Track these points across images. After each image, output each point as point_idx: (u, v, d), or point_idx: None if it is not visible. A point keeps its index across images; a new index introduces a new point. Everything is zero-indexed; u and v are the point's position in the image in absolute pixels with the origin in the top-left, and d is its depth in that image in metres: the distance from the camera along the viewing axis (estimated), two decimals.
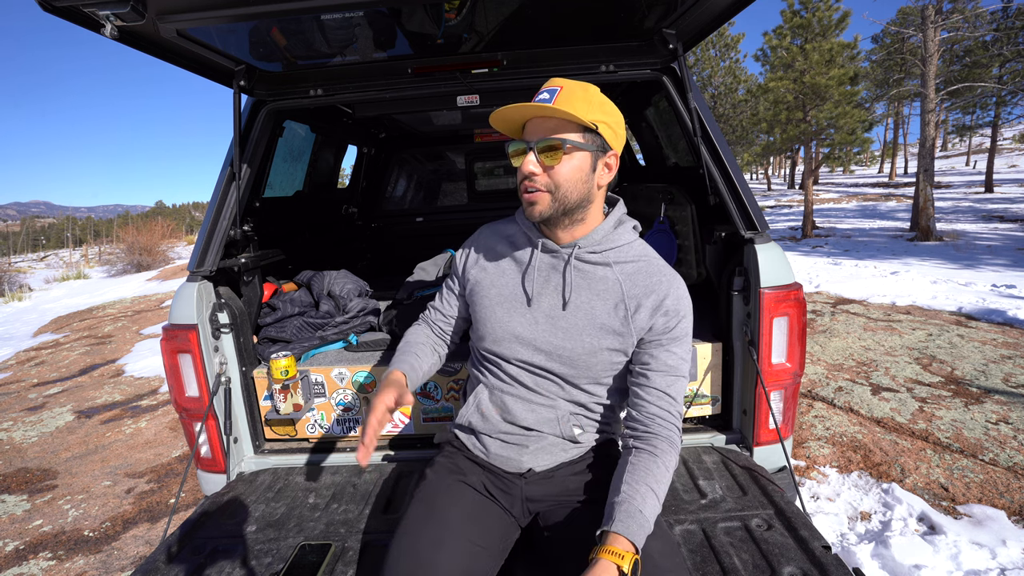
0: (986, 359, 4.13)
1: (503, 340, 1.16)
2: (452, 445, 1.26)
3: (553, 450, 1.16)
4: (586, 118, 1.00)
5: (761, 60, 13.58)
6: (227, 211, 1.74)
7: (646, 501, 0.95)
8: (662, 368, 1.08)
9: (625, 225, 1.16)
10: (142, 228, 19.37)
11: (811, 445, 3.05)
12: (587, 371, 1.12)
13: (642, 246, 1.17)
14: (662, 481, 0.99)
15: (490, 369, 1.22)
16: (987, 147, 25.85)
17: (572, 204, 1.06)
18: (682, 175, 2.50)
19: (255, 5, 1.19)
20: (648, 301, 1.09)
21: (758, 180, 47.25)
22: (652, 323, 1.09)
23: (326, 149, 3.18)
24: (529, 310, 1.14)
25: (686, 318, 1.11)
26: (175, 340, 1.62)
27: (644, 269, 1.12)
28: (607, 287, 1.11)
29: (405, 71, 1.76)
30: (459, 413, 1.24)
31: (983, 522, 2.29)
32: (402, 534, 1.04)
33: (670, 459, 1.03)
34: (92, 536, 2.71)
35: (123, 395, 4.91)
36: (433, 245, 3.06)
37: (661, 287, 1.10)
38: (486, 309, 1.19)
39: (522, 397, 1.16)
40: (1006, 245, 9.67)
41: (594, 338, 1.10)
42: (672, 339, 1.10)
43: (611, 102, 1.06)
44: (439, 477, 1.17)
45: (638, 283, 1.11)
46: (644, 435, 1.06)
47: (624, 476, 0.99)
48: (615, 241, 1.13)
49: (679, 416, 1.09)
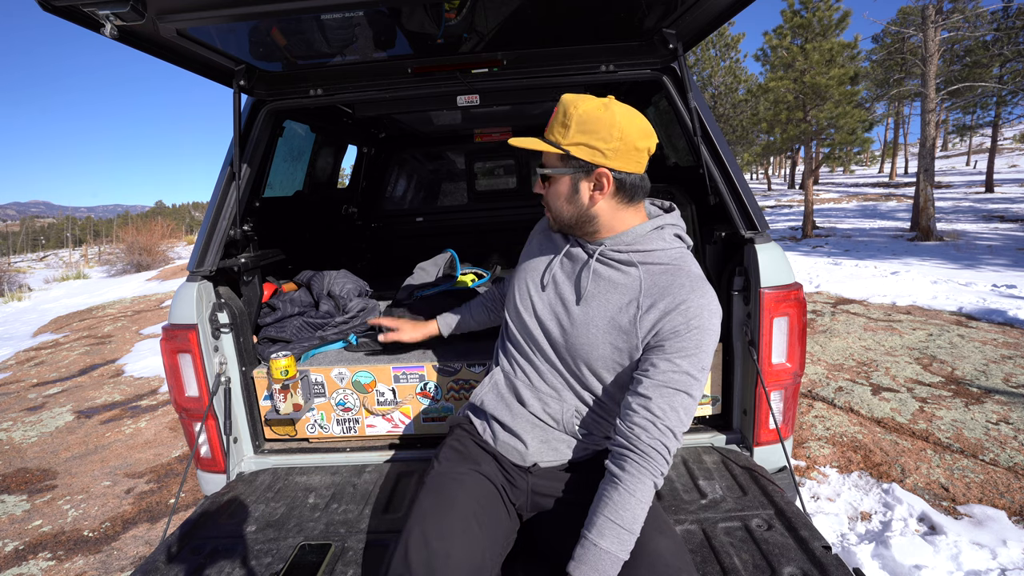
0: (986, 359, 4.12)
1: (522, 312, 1.21)
2: (463, 428, 1.28)
3: (559, 447, 1.17)
4: (560, 143, 1.04)
5: (761, 60, 13.57)
6: (227, 211, 1.74)
7: (603, 534, 0.94)
8: (659, 379, 1.01)
9: (665, 231, 1.13)
10: (142, 228, 19.39)
11: (811, 445, 3.05)
12: (588, 365, 1.12)
13: (680, 254, 1.13)
14: (623, 507, 0.96)
15: (509, 351, 1.26)
16: (987, 147, 25.86)
17: (568, 221, 1.13)
18: (682, 175, 2.50)
19: (255, 5, 1.19)
20: (663, 302, 1.04)
21: (758, 180, 47.25)
22: (660, 326, 1.03)
23: (326, 149, 3.18)
24: (546, 294, 1.19)
25: (701, 331, 1.02)
26: (175, 340, 1.62)
27: (671, 272, 1.09)
28: (627, 283, 1.10)
29: (405, 71, 1.76)
30: (474, 392, 1.28)
31: (983, 522, 2.29)
32: (415, 523, 1.03)
33: (636, 483, 0.97)
34: (92, 536, 2.71)
35: (123, 395, 4.91)
36: (433, 245, 3.06)
37: (682, 291, 1.05)
38: (517, 281, 1.27)
39: (532, 384, 1.19)
40: (1006, 245, 9.67)
41: (600, 331, 1.09)
42: (679, 349, 1.01)
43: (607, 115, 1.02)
44: (452, 465, 1.17)
45: (659, 283, 1.07)
46: (618, 451, 1.02)
47: (591, 506, 1.00)
48: (647, 244, 1.11)
49: (669, 432, 0.99)
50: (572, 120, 1.03)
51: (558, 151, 1.05)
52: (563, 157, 1.07)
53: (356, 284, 2.08)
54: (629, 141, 1.03)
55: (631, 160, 1.05)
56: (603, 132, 1.02)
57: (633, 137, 1.04)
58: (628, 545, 0.95)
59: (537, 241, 1.31)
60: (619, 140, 1.02)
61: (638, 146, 1.05)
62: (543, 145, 1.07)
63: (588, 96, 1.05)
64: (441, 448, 1.24)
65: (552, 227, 1.20)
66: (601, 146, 1.03)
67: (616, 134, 1.02)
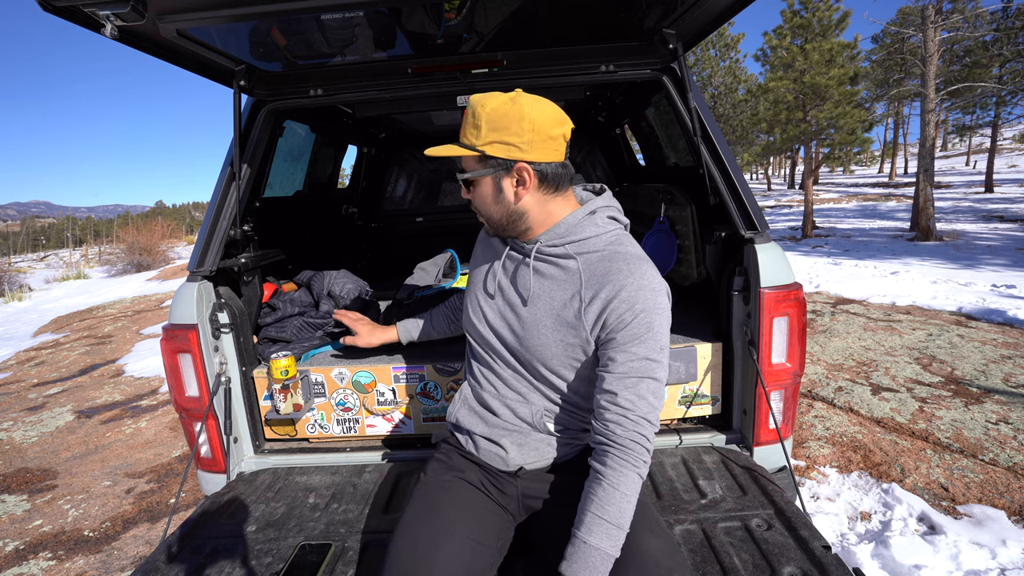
0: (986, 359, 4.13)
1: (476, 324, 1.21)
2: (447, 443, 1.28)
3: (539, 447, 1.17)
4: (475, 145, 1.03)
5: (761, 60, 13.58)
6: (227, 211, 1.74)
7: (591, 531, 0.94)
8: (620, 372, 1.01)
9: (597, 216, 1.11)
10: (142, 228, 19.39)
11: (811, 445, 3.05)
12: (546, 364, 1.11)
13: (615, 236, 1.11)
14: (609, 502, 0.96)
15: (474, 364, 1.26)
16: (987, 147, 25.85)
17: (499, 223, 1.12)
18: (682, 175, 2.50)
19: (255, 5, 1.19)
20: (603, 292, 1.03)
21: (758, 180, 47.24)
22: (605, 316, 1.02)
23: (326, 149, 3.18)
24: (495, 301, 1.19)
25: (647, 312, 1.01)
26: (175, 340, 1.62)
27: (608, 258, 1.07)
28: (568, 278, 1.09)
29: (405, 71, 1.76)
30: (448, 410, 1.28)
31: (983, 522, 2.29)
32: (401, 531, 1.05)
33: (619, 476, 0.97)
34: (92, 536, 2.71)
35: (123, 395, 4.91)
36: (433, 245, 3.06)
37: (619, 277, 1.02)
38: (468, 292, 1.28)
39: (498, 392, 1.19)
40: (1006, 245, 9.67)
41: (550, 330, 1.09)
42: (631, 338, 1.01)
43: (516, 108, 1.00)
44: (437, 475, 1.18)
45: (597, 272, 1.06)
46: (599, 448, 1.02)
47: (579, 505, 1.00)
48: (580, 233, 1.09)
49: (643, 421, 1.00)
50: (481, 120, 1.01)
51: (474, 153, 1.04)
52: (480, 159, 1.05)
53: (356, 284, 2.08)
54: (542, 131, 1.02)
55: (548, 150, 1.03)
56: (514, 127, 1.01)
57: (545, 126, 1.02)
58: (618, 542, 0.95)
59: (480, 250, 1.31)
60: (531, 132, 1.01)
61: (552, 134, 1.03)
62: (458, 150, 1.06)
63: (495, 93, 1.04)
64: (428, 462, 1.25)
65: (489, 232, 1.19)
66: (515, 140, 1.01)
67: (527, 126, 1.00)
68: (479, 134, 1.03)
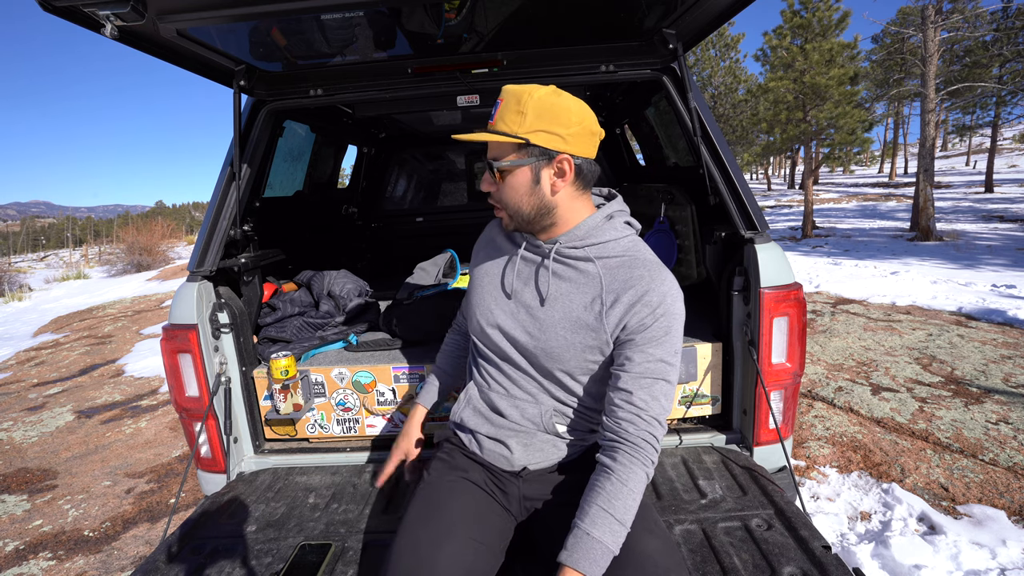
0: (986, 359, 4.13)
1: (486, 328, 1.19)
2: (450, 442, 1.27)
3: (544, 447, 1.16)
4: (518, 133, 1.00)
5: (761, 60, 13.57)
6: (227, 211, 1.74)
7: (595, 523, 0.94)
8: (636, 372, 1.02)
9: (615, 220, 1.12)
10: (142, 228, 19.38)
11: (811, 445, 3.05)
12: (561, 366, 1.11)
13: (632, 242, 1.13)
14: (616, 496, 0.96)
15: (480, 364, 1.25)
16: (987, 147, 25.85)
17: (527, 216, 1.09)
18: (682, 175, 2.50)
19: (255, 5, 1.20)
20: (626, 296, 1.04)
21: (758, 180, 47.25)
22: (627, 320, 1.04)
23: (326, 149, 3.18)
24: (509, 302, 1.17)
25: (667, 317, 1.04)
26: (175, 340, 1.62)
27: (628, 264, 1.08)
28: (587, 281, 1.09)
29: (405, 71, 1.76)
30: (452, 410, 1.26)
31: (983, 522, 2.29)
32: (403, 532, 1.04)
33: (629, 473, 0.98)
34: (92, 536, 2.71)
35: (123, 395, 4.91)
36: (433, 245, 3.06)
37: (642, 282, 1.05)
38: (476, 297, 1.24)
39: (507, 393, 1.18)
40: (1006, 245, 9.67)
41: (568, 331, 1.09)
42: (650, 339, 1.03)
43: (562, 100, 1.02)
44: (439, 475, 1.18)
45: (618, 277, 1.07)
46: (608, 444, 1.03)
47: (582, 498, 0.99)
48: (599, 236, 1.10)
49: (655, 422, 1.01)
50: (528, 107, 1.00)
51: (517, 140, 1.02)
52: (521, 147, 1.03)
53: (356, 284, 2.08)
54: (586, 126, 1.03)
55: (588, 145, 1.05)
56: (563, 117, 1.01)
57: (589, 122, 1.03)
58: (619, 538, 0.94)
59: (485, 253, 1.28)
60: (578, 125, 1.02)
61: (593, 130, 1.04)
62: (497, 136, 1.02)
63: (536, 85, 1.04)
64: (430, 462, 1.24)
65: (508, 226, 1.15)
66: (561, 131, 1.01)
67: (575, 119, 1.01)
68: (524, 121, 1.00)
